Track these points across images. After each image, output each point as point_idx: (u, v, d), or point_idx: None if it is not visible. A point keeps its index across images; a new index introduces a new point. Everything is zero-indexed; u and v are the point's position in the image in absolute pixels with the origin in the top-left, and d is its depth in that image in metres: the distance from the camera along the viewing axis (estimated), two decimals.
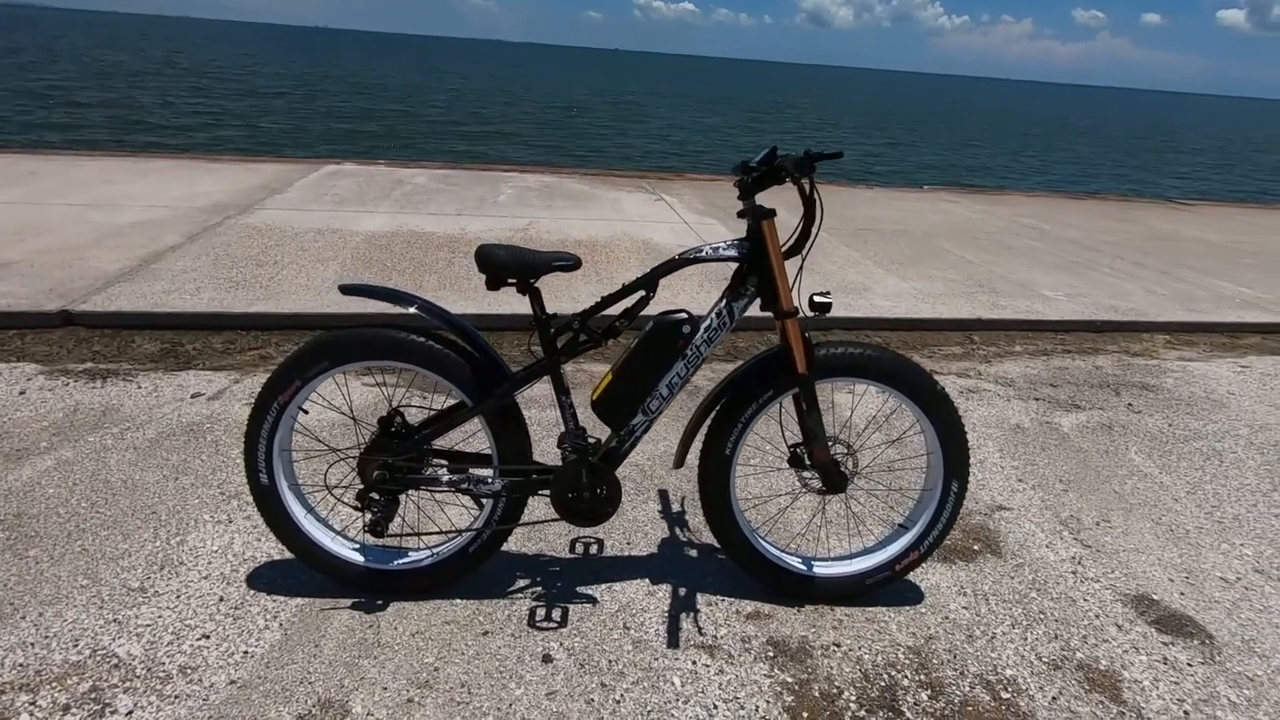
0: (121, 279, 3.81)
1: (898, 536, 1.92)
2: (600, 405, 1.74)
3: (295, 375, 1.66)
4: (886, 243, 5.86)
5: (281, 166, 7.44)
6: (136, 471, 2.27)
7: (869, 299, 4.39)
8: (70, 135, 11.78)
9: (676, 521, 2.23)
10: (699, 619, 1.83)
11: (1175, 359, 4.01)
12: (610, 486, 1.77)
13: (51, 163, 6.75)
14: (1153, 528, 2.38)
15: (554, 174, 8.17)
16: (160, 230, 4.71)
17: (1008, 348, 4.02)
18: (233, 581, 1.84)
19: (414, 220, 5.47)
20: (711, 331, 1.71)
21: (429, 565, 1.80)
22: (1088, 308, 4.59)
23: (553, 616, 1.79)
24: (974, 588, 2.02)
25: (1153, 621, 1.94)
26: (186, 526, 2.03)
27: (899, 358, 1.76)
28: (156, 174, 6.49)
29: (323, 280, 4.02)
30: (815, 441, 1.76)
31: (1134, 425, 3.12)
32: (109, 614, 1.71)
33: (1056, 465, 2.74)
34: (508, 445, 1.74)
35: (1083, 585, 2.07)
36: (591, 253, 4.93)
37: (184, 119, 14.78)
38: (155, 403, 2.72)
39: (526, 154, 13.79)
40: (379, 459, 1.71)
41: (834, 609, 1.89)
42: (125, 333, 3.37)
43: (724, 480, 1.80)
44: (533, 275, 1.66)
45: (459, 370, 1.68)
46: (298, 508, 1.76)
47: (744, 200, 1.67)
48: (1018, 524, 2.34)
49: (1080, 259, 5.81)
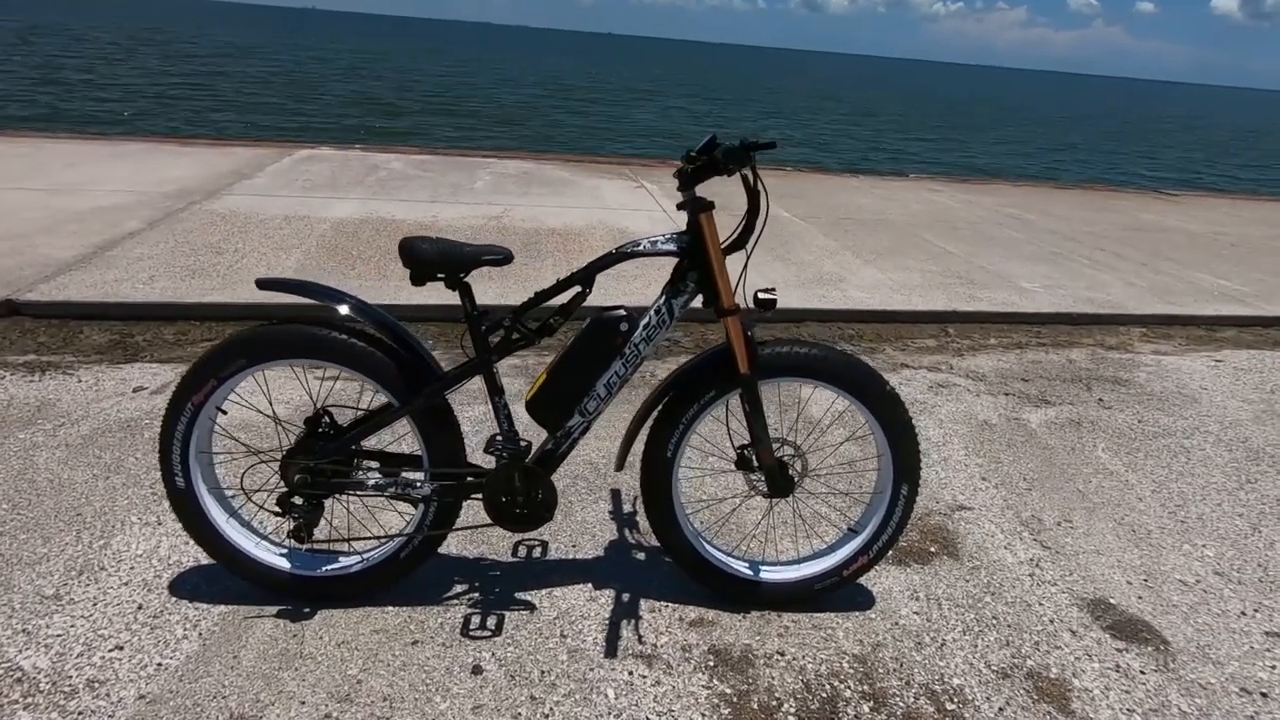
0: (74, 267, 3.69)
1: (847, 541, 1.86)
2: (535, 406, 1.67)
3: (210, 374, 1.58)
4: (867, 232, 5.79)
5: (255, 151, 7.28)
6: (65, 470, 2.18)
7: (843, 290, 4.32)
8: (41, 115, 11.51)
9: (626, 523, 2.16)
10: (640, 626, 1.77)
11: (1150, 353, 3.96)
12: (546, 491, 1.70)
13: (17, 145, 6.57)
14: (1115, 528, 2.34)
15: (535, 160, 8.04)
16: (121, 216, 4.58)
17: (982, 341, 3.97)
18: (154, 588, 1.76)
19: (385, 207, 5.35)
20: (651, 329, 1.64)
21: (358, 571, 1.73)
22: (1065, 300, 4.54)
23: (487, 624, 1.73)
24: (927, 592, 1.97)
25: (1108, 627, 1.90)
26: (112, 529, 1.95)
27: (847, 357, 1.69)
28: (125, 157, 6.33)
29: (283, 269, 3.91)
30: (760, 444, 1.70)
31: (1103, 421, 3.08)
32: (18, 623, 1.63)
33: (1021, 463, 2.69)
34: (438, 447, 1.67)
35: (1039, 589, 2.02)
36: (565, 241, 4.83)
37: (154, 100, 14.49)
38: (94, 397, 2.62)
39: (509, 140, 13.60)
40: (302, 462, 1.63)
41: (781, 615, 1.83)
42: (74, 323, 3.26)
43: (665, 483, 1.73)
44: (461, 270, 1.58)
45: (384, 369, 1.60)
46: (218, 512, 1.69)
47: (683, 191, 1.59)
48: (977, 524, 2.29)
49: (1061, 250, 5.76)
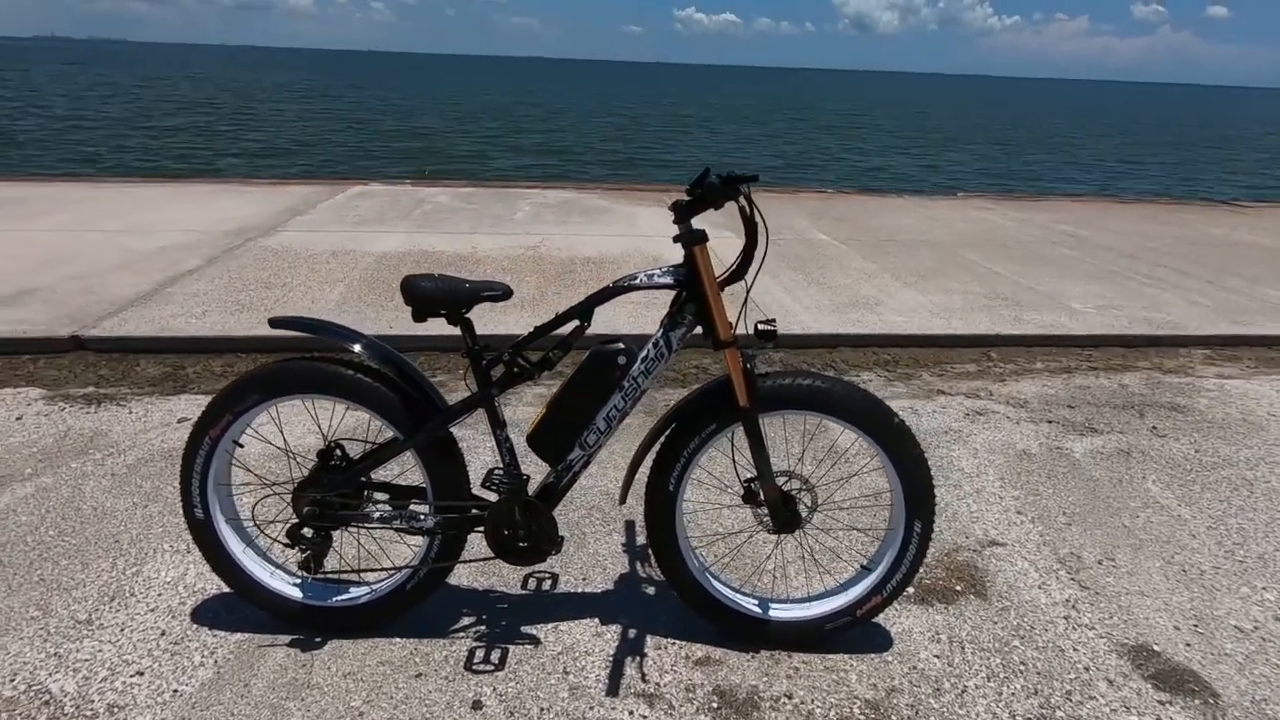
0: (135, 303, 3.93)
1: (860, 579, 1.79)
2: (536, 440, 1.68)
3: (226, 409, 1.64)
4: (908, 254, 5.66)
5: (311, 188, 7.65)
6: (109, 499, 2.30)
7: (879, 314, 4.22)
8: (125, 161, 12.41)
9: (639, 556, 2.14)
10: (644, 664, 1.74)
11: (1213, 376, 3.72)
12: (547, 524, 1.70)
13: (99, 190, 7.08)
14: (1163, 567, 2.18)
15: (575, 190, 8.19)
16: (183, 254, 4.86)
17: (1027, 365, 3.81)
18: (178, 615, 1.83)
19: (428, 240, 5.52)
20: (649, 363, 1.63)
21: (366, 602, 1.76)
22: (1120, 321, 4.32)
23: (491, 658, 1.73)
24: (950, 634, 1.87)
25: (1150, 676, 1.77)
26: (145, 556, 2.04)
27: (851, 389, 1.65)
28: (192, 198, 6.74)
29: (326, 302, 4.07)
30: (763, 478, 1.66)
31: (1155, 451, 2.89)
32: (51, 647, 1.72)
33: (1062, 496, 2.55)
34: (442, 480, 1.69)
35: (1074, 632, 1.90)
36: (599, 269, 4.89)
37: (230, 143, 15.44)
38: (142, 428, 2.77)
39: (554, 169, 13.90)
40: (311, 494, 1.68)
41: (791, 655, 1.77)
42: (132, 357, 3.47)
43: (669, 517, 1.71)
44: (463, 306, 1.61)
45: (389, 404, 1.64)
46: (235, 542, 1.75)
47: (678, 224, 1.59)
48: (1010, 561, 2.18)
49: (1118, 268, 5.49)
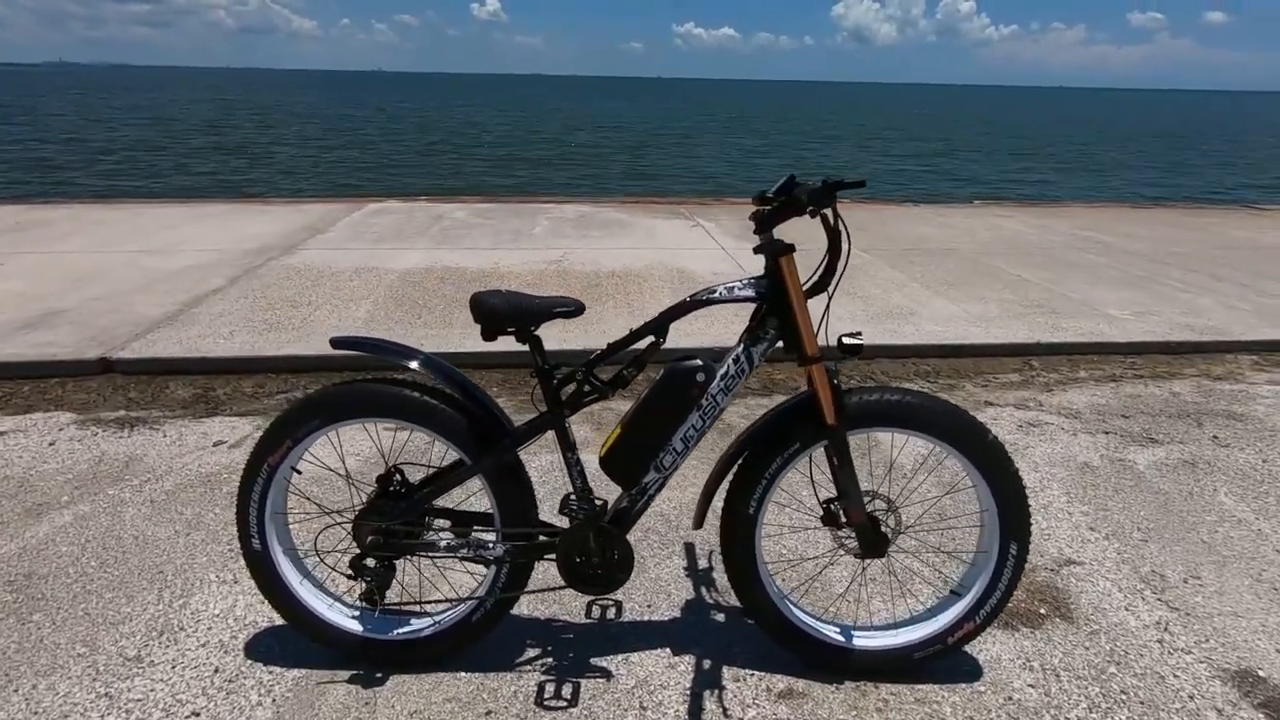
0: (162, 324, 3.88)
1: (950, 604, 1.70)
2: (609, 462, 1.60)
3: (286, 435, 1.57)
4: (934, 263, 5.59)
5: (328, 206, 7.63)
6: (150, 527, 2.23)
7: (916, 324, 4.14)
8: (137, 184, 12.46)
9: (703, 580, 2.05)
10: (724, 698, 1.64)
11: (1265, 383, 3.62)
12: (622, 550, 1.62)
13: (118, 211, 7.07)
14: (1252, 585, 2.08)
15: (592, 204, 8.15)
16: (205, 274, 4.82)
17: (1071, 374, 3.71)
18: (230, 650, 1.75)
19: (449, 256, 5.48)
20: (729, 379, 1.56)
21: (429, 635, 1.67)
22: (1160, 327, 4.23)
23: (562, 694, 1.64)
24: (1042, 661, 1.78)
25: (1260, 704, 1.66)
26: (191, 587, 1.96)
27: (942, 404, 1.57)
28: (211, 218, 6.72)
29: (354, 320, 4.01)
30: (849, 499, 1.58)
31: (1221, 461, 2.79)
32: (101, 686, 1.63)
33: (1133, 510, 2.45)
34: (510, 505, 1.61)
35: (1172, 658, 1.80)
36: (624, 283, 4.82)
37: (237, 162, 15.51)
38: (178, 452, 2.70)
39: (565, 183, 13.91)
40: (374, 522, 1.60)
41: (878, 686, 1.68)
42: (160, 378, 3.41)
43: (748, 542, 1.62)
44: (533, 323, 1.54)
45: (455, 426, 1.56)
46: (292, 574, 1.67)
47: (760, 234, 1.52)
48: (1090, 581, 2.08)
49: (1147, 273, 5.41)
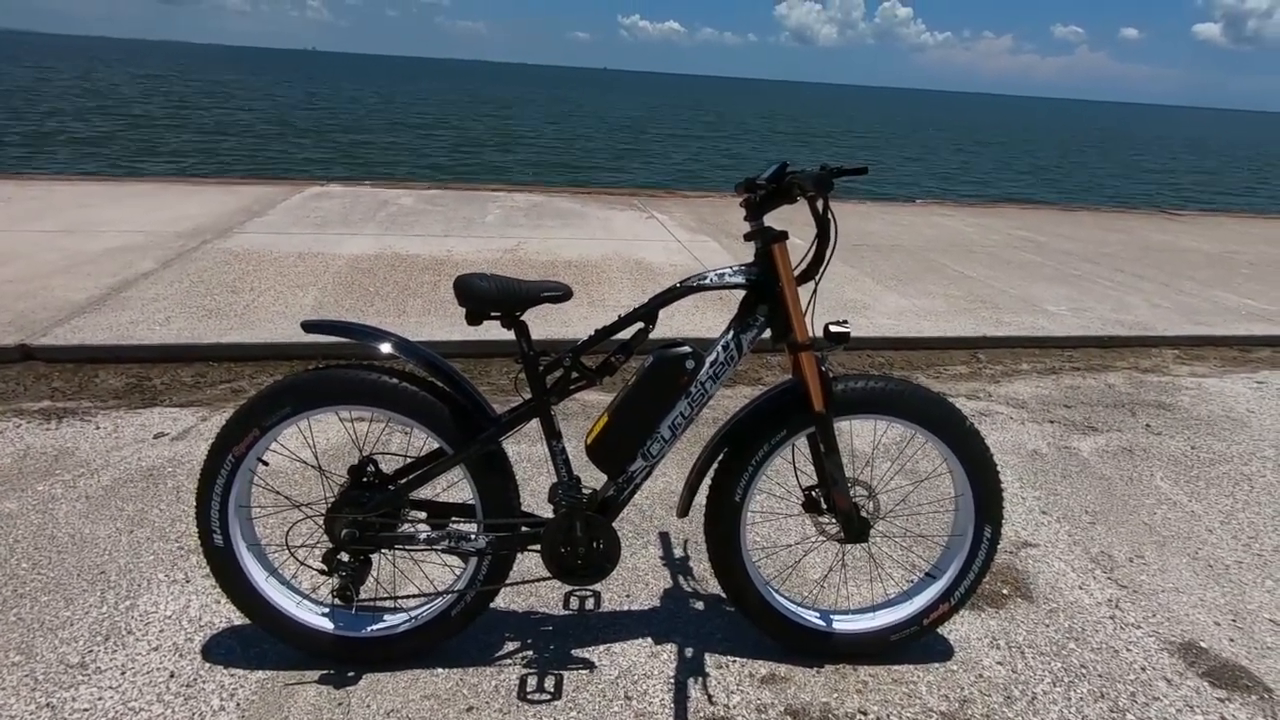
0: (88, 309, 3.61)
1: (925, 587, 1.74)
2: (595, 450, 1.57)
3: (253, 424, 1.48)
4: (883, 258, 5.74)
5: (264, 189, 7.26)
6: (87, 525, 2.07)
7: (870, 317, 4.25)
8: (51, 159, 11.59)
9: (680, 569, 2.05)
10: (708, 684, 1.64)
11: (1188, 375, 3.87)
12: (607, 540, 1.59)
13: (29, 188, 6.55)
14: (1190, 563, 2.22)
15: (543, 193, 8.03)
16: (134, 256, 4.52)
17: (1015, 366, 3.88)
18: (186, 653, 1.64)
19: (399, 242, 5.30)
20: (718, 366, 1.55)
21: (405, 631, 1.61)
22: (1093, 322, 4.46)
23: (545, 686, 1.60)
24: (1008, 639, 1.85)
25: (1204, 674, 1.78)
26: (138, 588, 1.83)
27: (924, 392, 1.60)
28: (136, 198, 6.30)
29: (301, 307, 3.84)
30: (835, 486, 1.60)
31: (1155, 448, 2.97)
32: (42, 696, 1.51)
33: (1080, 495, 2.57)
34: (492, 496, 1.57)
35: (1124, 632, 1.90)
36: (582, 273, 4.77)
37: (168, 141, 14.62)
38: (114, 445, 2.52)
39: (517, 173, 13.69)
40: (348, 515, 1.53)
41: (857, 669, 1.71)
42: (88, 367, 3.17)
43: (733, 530, 1.63)
44: (519, 307, 1.49)
45: (436, 414, 1.50)
46: (258, 571, 1.57)
47: (751, 221, 1.52)
48: (1046, 562, 2.18)
49: (1080, 271, 5.70)
